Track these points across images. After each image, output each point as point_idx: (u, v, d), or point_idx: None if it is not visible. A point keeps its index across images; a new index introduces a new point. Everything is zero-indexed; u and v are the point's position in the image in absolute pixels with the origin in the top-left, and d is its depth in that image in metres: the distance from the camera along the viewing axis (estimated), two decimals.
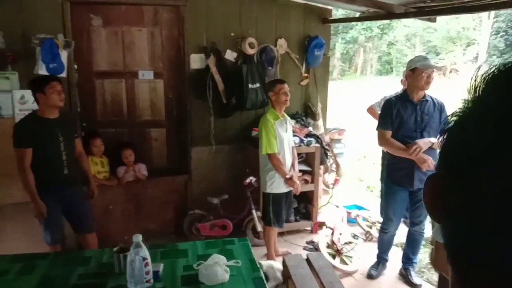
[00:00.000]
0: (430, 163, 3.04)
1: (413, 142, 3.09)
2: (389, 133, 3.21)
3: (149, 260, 1.71)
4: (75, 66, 3.89)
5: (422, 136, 3.12)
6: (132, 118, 4.26)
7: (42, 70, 3.60)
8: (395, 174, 3.26)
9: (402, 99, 3.19)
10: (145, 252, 1.70)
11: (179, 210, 4.25)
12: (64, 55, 3.65)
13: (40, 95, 2.95)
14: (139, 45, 4.11)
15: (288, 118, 3.70)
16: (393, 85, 4.98)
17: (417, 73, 3.04)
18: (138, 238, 1.72)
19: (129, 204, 4.12)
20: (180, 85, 4.25)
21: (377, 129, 3.30)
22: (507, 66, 0.39)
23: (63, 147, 3.08)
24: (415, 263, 3.61)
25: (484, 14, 20.93)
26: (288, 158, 3.60)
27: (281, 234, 4.18)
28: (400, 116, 3.14)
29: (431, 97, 3.20)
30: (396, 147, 3.18)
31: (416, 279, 3.51)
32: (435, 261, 1.27)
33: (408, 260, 3.54)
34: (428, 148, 3.12)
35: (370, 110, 4.54)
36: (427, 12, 3.44)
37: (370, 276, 3.61)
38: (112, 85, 4.15)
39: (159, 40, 4.14)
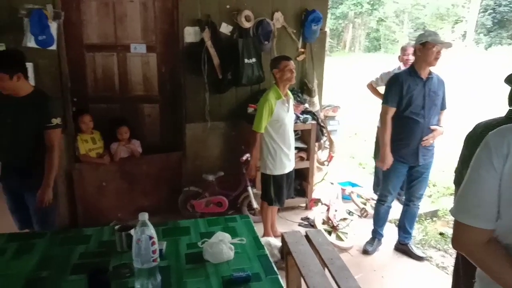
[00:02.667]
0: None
1: (430, 136, 3.17)
2: (392, 110, 3.19)
3: (155, 239, 1.67)
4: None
5: (429, 113, 3.14)
6: (124, 93, 4.15)
7: (31, 42, 3.46)
8: (401, 151, 3.26)
9: (411, 75, 3.15)
10: (151, 230, 1.65)
11: (174, 187, 4.20)
12: (53, 26, 3.50)
13: None
14: (131, 17, 3.96)
15: (292, 97, 3.60)
16: (382, 62, 4.94)
17: (427, 47, 3.00)
18: (144, 216, 1.67)
19: (123, 181, 4.05)
20: (173, 59, 4.13)
21: (382, 103, 3.26)
22: None
23: (9, 132, 2.68)
24: (413, 236, 3.68)
25: None
26: (290, 138, 3.54)
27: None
28: (410, 93, 3.11)
29: (435, 74, 3.19)
30: (386, 134, 3.23)
31: (418, 251, 3.58)
32: (455, 240, 1.25)
33: (406, 234, 3.59)
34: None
35: (370, 86, 4.52)
36: None
37: (365, 252, 3.65)
38: (103, 59, 4.02)
39: (152, 12, 4.00)
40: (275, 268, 1.92)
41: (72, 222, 3.96)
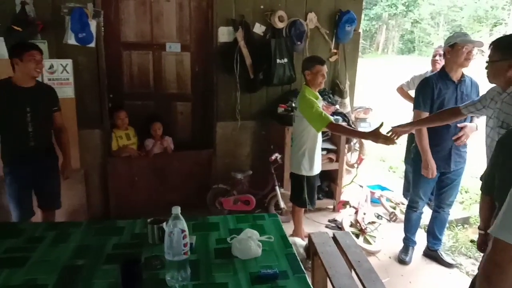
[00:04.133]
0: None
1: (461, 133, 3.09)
2: (425, 114, 3.11)
3: (187, 232, 1.71)
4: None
5: None
6: (159, 91, 4.25)
7: (71, 40, 3.61)
8: (433, 156, 3.18)
9: (442, 78, 3.07)
10: (183, 224, 1.70)
11: (203, 184, 4.27)
12: (93, 24, 3.63)
13: (17, 60, 2.82)
14: (167, 17, 4.06)
15: (321, 98, 3.55)
16: (415, 65, 4.84)
17: (456, 48, 2.93)
18: (177, 210, 1.71)
19: (154, 176, 4.15)
20: (207, 58, 4.20)
21: (414, 108, 3.20)
22: None
23: (29, 117, 2.92)
24: (443, 243, 3.60)
25: None
26: (320, 137, 3.49)
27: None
28: (442, 97, 3.04)
29: (468, 77, 3.11)
30: (424, 140, 3.12)
31: (448, 258, 3.50)
32: (493, 261, 1.18)
33: (436, 240, 3.52)
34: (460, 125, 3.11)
35: (400, 90, 4.44)
36: None
37: (402, 262, 3.52)
38: (139, 57, 4.13)
39: (187, 12, 4.09)
40: (303, 267, 1.93)
41: (105, 214, 4.09)
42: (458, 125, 3.12)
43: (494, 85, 2.40)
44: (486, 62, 2.28)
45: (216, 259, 1.97)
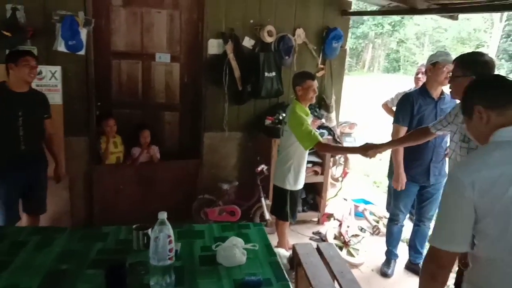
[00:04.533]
0: None
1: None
2: (404, 129, 3.20)
3: (172, 237, 1.73)
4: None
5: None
6: (147, 100, 4.27)
7: (61, 47, 3.62)
8: (412, 170, 3.25)
9: (422, 94, 3.17)
10: (169, 229, 1.72)
11: (189, 194, 4.27)
12: (83, 33, 3.66)
13: (12, 65, 2.90)
14: (158, 28, 4.11)
15: (311, 114, 3.53)
16: (400, 83, 4.97)
17: (438, 67, 3.03)
18: (163, 215, 1.74)
19: (140, 185, 4.14)
20: (196, 69, 4.25)
21: (393, 122, 3.29)
22: None
23: (21, 122, 2.98)
24: (424, 256, 3.65)
25: (496, 17, 20.77)
26: (306, 156, 3.48)
27: None
28: (422, 113, 3.13)
29: (447, 94, 3.21)
30: (398, 153, 3.22)
31: None
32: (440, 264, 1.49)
33: (418, 254, 3.58)
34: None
35: (385, 106, 4.54)
36: (449, 9, 3.43)
37: (384, 275, 3.57)
38: (129, 66, 4.16)
39: (178, 24, 4.14)
40: (286, 275, 1.96)
41: (88, 221, 4.06)
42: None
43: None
44: (450, 77, 2.38)
45: (201, 266, 1.99)
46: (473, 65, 2.24)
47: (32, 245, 2.11)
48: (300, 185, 3.50)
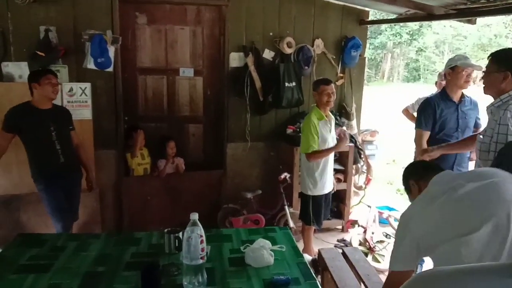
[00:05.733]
0: None
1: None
2: (427, 134, 3.19)
3: (204, 238, 1.81)
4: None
5: (463, 136, 3.14)
6: (172, 113, 4.41)
7: (91, 64, 3.79)
8: None
9: (442, 98, 3.18)
10: (201, 229, 1.80)
11: (214, 203, 4.37)
12: (111, 50, 3.83)
13: (35, 84, 3.06)
14: (181, 43, 4.26)
15: (333, 118, 3.69)
16: (421, 92, 4.97)
17: (457, 71, 3.05)
18: (195, 216, 1.82)
19: (167, 196, 4.26)
20: (218, 82, 4.38)
21: (415, 127, 3.29)
22: None
23: (55, 136, 3.17)
24: None
25: None
26: (331, 159, 3.64)
27: None
28: (443, 117, 3.14)
29: (468, 97, 3.23)
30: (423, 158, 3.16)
31: None
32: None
33: None
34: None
35: (406, 111, 4.56)
36: (467, 14, 3.46)
37: None
38: (154, 81, 4.31)
39: (200, 39, 4.29)
40: (314, 275, 2.01)
41: (117, 232, 4.17)
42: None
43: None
44: (483, 72, 2.41)
45: (230, 267, 2.06)
46: (509, 61, 2.28)
47: (70, 250, 2.22)
48: (321, 191, 3.59)
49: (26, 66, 3.67)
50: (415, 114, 4.46)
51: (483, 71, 2.44)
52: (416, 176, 1.86)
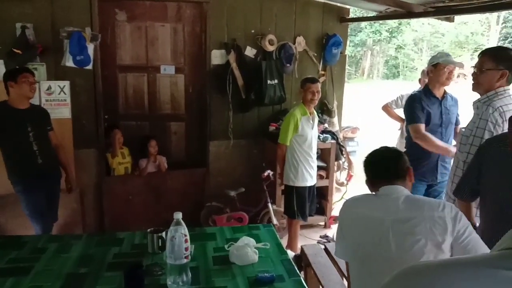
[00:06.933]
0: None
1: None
2: (423, 126, 3.17)
3: (188, 237, 1.80)
4: None
5: (446, 131, 3.20)
6: (153, 112, 4.37)
7: (70, 62, 3.73)
8: (420, 169, 3.28)
9: (426, 95, 3.23)
10: (184, 228, 1.79)
11: (197, 202, 4.35)
12: (90, 48, 3.77)
13: (11, 83, 2.98)
14: (162, 41, 4.22)
15: (317, 116, 3.82)
16: (400, 89, 5.05)
17: (439, 68, 3.10)
18: (179, 215, 1.81)
19: (149, 195, 4.22)
20: (200, 80, 4.35)
21: (410, 124, 3.23)
22: None
23: (32, 137, 3.09)
24: None
25: (493, 20, 20.96)
26: (313, 154, 3.72)
27: None
28: (428, 112, 3.18)
29: (449, 93, 3.29)
30: (435, 144, 3.12)
31: None
32: None
33: None
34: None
35: (386, 108, 4.61)
36: (446, 11, 3.53)
37: None
38: (135, 79, 4.26)
39: (181, 36, 4.25)
40: (298, 271, 2.02)
41: (98, 232, 4.12)
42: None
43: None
44: (475, 69, 2.43)
45: (214, 265, 2.05)
46: (507, 59, 2.32)
47: (51, 252, 2.18)
48: (303, 182, 3.67)
49: (2, 64, 3.58)
50: (395, 110, 4.54)
51: (473, 67, 2.46)
52: (369, 176, 1.85)
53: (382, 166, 1.78)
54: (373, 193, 1.77)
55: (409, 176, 1.75)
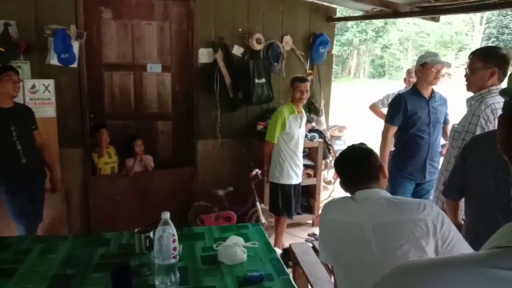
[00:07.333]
0: None
1: None
2: (394, 129, 3.28)
3: (176, 237, 1.79)
4: None
5: (434, 130, 3.25)
6: (140, 111, 4.33)
7: (54, 60, 3.67)
8: (409, 168, 3.32)
9: (414, 94, 3.27)
10: (173, 229, 1.78)
11: (185, 201, 4.32)
12: (75, 46, 3.72)
13: None
14: (149, 39, 4.18)
15: (305, 115, 3.86)
16: (386, 88, 5.10)
17: (426, 68, 3.14)
18: (167, 215, 1.80)
19: (136, 195, 4.18)
20: (187, 78, 4.33)
21: (385, 121, 3.36)
22: None
23: (16, 136, 3.05)
24: None
25: (476, 20, 21.29)
26: (299, 152, 3.75)
27: None
28: (414, 112, 3.22)
29: (438, 93, 3.33)
30: (384, 150, 3.32)
31: None
32: None
33: None
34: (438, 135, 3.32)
35: (373, 107, 4.65)
36: (431, 11, 3.56)
37: None
38: (121, 78, 4.22)
39: (168, 34, 4.22)
40: (287, 270, 2.02)
41: (86, 233, 4.07)
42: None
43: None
44: (467, 70, 2.48)
45: (203, 265, 2.04)
46: (495, 58, 2.36)
47: (36, 253, 2.14)
48: (289, 180, 3.72)
49: None
50: (382, 110, 4.57)
51: (465, 68, 2.51)
52: (344, 180, 1.76)
53: (353, 170, 1.71)
54: (350, 196, 1.70)
55: (383, 174, 1.69)
